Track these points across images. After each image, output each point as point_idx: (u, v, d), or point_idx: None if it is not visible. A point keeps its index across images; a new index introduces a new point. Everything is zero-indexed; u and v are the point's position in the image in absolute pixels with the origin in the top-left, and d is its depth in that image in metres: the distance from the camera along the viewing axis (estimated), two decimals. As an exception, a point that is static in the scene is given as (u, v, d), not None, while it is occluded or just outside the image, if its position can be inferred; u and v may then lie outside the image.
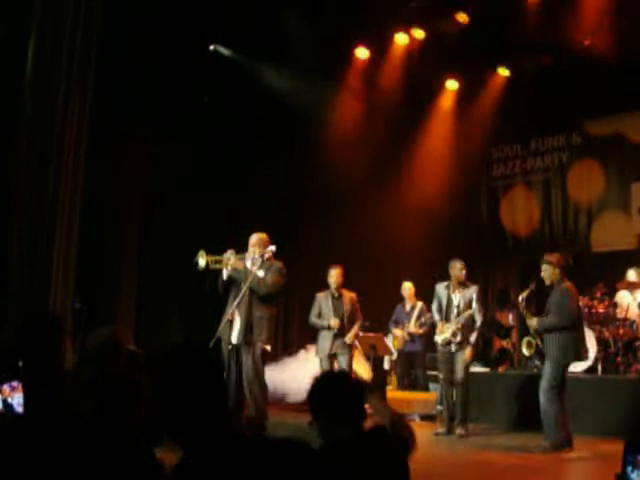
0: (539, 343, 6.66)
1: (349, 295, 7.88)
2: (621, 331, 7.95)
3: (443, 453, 6.64)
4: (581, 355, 6.51)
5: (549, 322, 6.41)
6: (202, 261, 6.59)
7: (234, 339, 6.58)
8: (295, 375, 8.51)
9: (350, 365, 7.78)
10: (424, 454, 5.92)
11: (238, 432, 1.91)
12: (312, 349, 8.38)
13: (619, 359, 7.83)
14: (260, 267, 6.60)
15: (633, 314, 8.10)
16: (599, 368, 7.81)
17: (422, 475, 2.86)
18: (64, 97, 6.35)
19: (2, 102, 6.56)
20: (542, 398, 6.32)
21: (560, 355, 6.36)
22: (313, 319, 7.92)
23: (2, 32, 6.55)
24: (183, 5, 8.63)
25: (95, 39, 6.58)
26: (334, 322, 7.68)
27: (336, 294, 7.84)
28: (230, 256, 6.62)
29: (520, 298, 6.77)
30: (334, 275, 7.80)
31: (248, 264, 6.65)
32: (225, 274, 6.62)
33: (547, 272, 6.48)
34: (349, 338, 7.74)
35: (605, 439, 6.43)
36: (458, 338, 7.18)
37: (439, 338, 7.31)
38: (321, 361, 7.76)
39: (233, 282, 6.57)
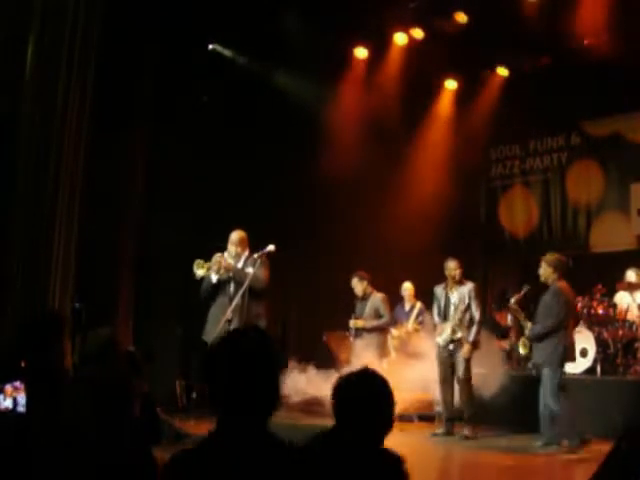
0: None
1: (374, 297, 8.29)
2: (620, 332, 7.96)
3: (441, 454, 6.64)
4: (566, 358, 6.53)
5: (538, 329, 6.60)
6: (201, 271, 6.58)
7: None
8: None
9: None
10: (422, 455, 5.95)
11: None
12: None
13: (618, 360, 7.83)
14: (246, 264, 6.62)
15: (632, 315, 8.10)
16: (598, 369, 7.81)
17: (419, 476, 2.86)
18: (64, 96, 6.33)
19: (2, 101, 6.55)
20: (550, 401, 6.36)
21: (548, 359, 6.46)
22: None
23: (2, 32, 6.54)
24: (183, 5, 8.64)
25: (95, 39, 6.56)
26: (351, 322, 8.23)
27: (366, 295, 8.32)
28: (220, 259, 6.59)
29: (513, 300, 7.09)
30: (353, 284, 8.34)
31: (240, 264, 6.63)
32: (214, 278, 6.58)
33: (544, 270, 6.75)
34: (352, 323, 8.27)
35: (604, 440, 6.42)
36: (458, 335, 7.28)
37: (440, 339, 7.43)
38: None
39: (220, 285, 6.58)
